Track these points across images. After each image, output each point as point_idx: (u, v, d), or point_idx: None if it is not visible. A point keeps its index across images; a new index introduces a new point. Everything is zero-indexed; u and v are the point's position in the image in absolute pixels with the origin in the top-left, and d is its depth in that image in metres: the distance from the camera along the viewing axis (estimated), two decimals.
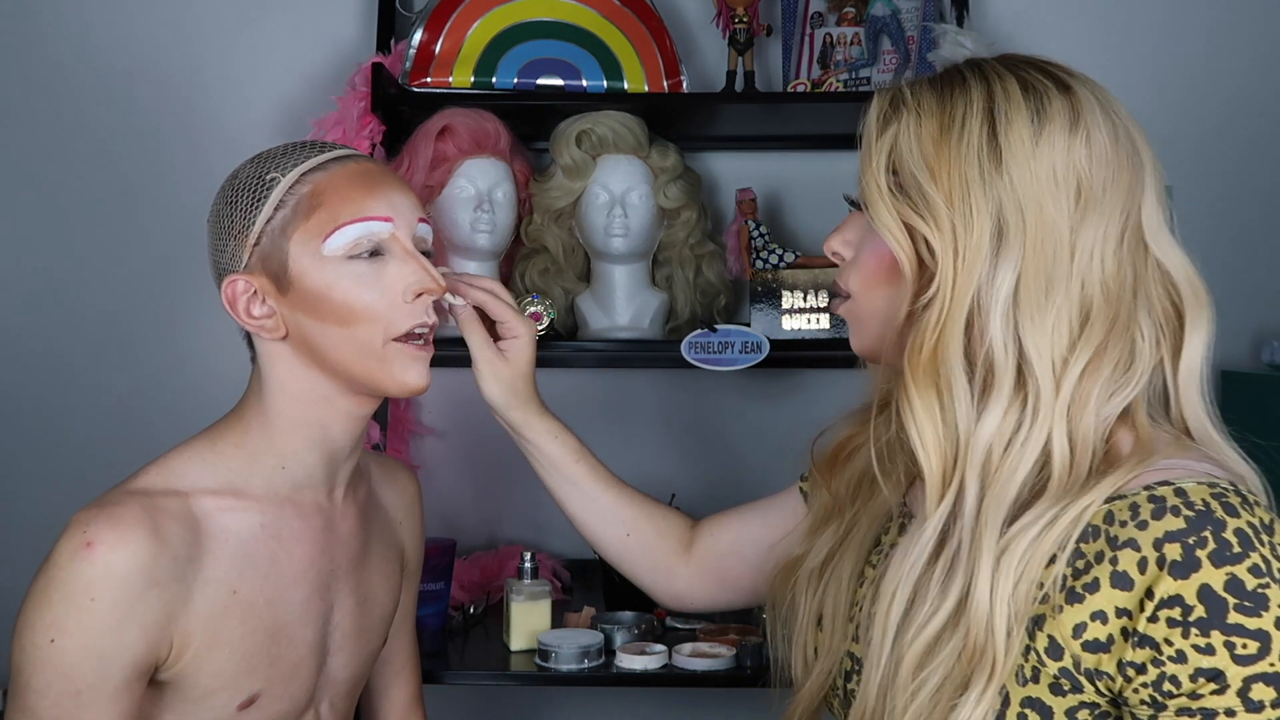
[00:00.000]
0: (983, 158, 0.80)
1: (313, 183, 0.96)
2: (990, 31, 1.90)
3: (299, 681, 1.00)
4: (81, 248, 1.95)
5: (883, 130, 0.85)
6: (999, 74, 0.83)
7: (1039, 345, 0.79)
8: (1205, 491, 0.75)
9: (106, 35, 1.96)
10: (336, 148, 1.00)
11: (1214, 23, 1.94)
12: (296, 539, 0.99)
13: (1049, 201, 0.79)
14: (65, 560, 0.86)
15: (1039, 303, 0.79)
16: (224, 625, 0.93)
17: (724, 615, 1.70)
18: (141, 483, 0.94)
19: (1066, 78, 0.85)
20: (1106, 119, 0.83)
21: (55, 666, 0.85)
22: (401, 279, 0.96)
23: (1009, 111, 0.81)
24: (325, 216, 0.94)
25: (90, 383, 1.95)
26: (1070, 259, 0.79)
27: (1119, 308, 0.80)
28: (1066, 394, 0.79)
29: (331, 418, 0.99)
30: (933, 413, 0.81)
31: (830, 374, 1.96)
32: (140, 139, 1.95)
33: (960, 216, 0.80)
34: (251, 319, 0.96)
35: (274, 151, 1.00)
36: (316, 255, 0.94)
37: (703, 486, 1.90)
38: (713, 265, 1.82)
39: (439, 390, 1.97)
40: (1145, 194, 0.83)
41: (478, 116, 1.71)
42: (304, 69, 1.94)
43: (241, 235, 0.95)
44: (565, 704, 1.95)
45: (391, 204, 0.97)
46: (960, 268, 0.80)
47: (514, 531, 1.97)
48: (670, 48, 1.80)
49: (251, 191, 0.96)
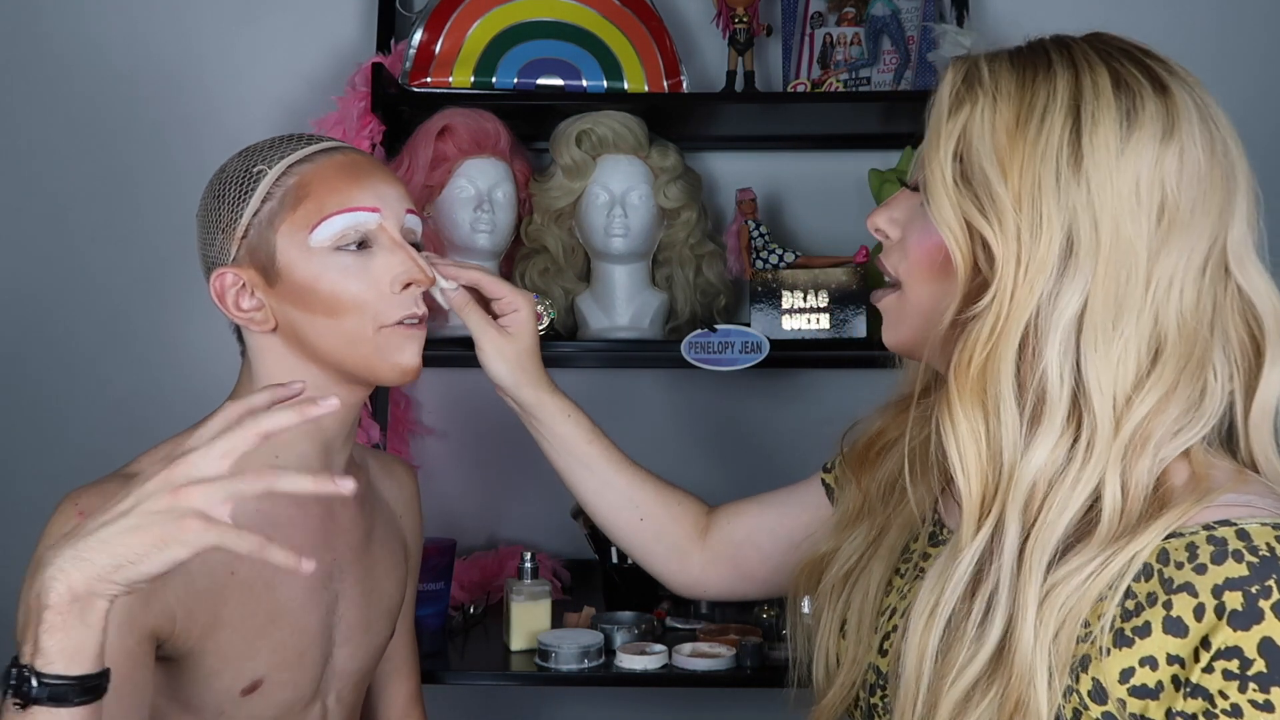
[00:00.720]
0: (1061, 160, 0.72)
1: (299, 174, 0.96)
2: (990, 31, 1.90)
3: (304, 670, 1.00)
4: (82, 246, 1.96)
5: (955, 110, 0.77)
6: (1089, 63, 0.76)
7: (1101, 379, 0.71)
8: (1270, 535, 0.69)
9: (107, 35, 1.96)
10: (324, 140, 1.00)
11: (1218, 23, 1.94)
12: (294, 526, 0.99)
13: (1128, 219, 0.72)
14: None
15: (1105, 331, 0.72)
16: (224, 605, 0.94)
17: (724, 615, 1.71)
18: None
19: (1165, 75, 0.76)
20: (1204, 129, 0.75)
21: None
22: (389, 270, 0.96)
23: (1097, 111, 0.73)
24: (312, 207, 0.94)
25: (91, 380, 1.95)
26: (1145, 287, 0.72)
27: (1194, 344, 0.73)
28: (1126, 434, 0.72)
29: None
30: (977, 434, 0.74)
31: (830, 374, 1.96)
32: (141, 138, 1.95)
33: (1029, 223, 0.72)
34: (240, 312, 0.96)
35: (260, 145, 1.00)
36: (304, 246, 0.94)
37: (702, 486, 1.88)
38: (713, 265, 1.82)
39: (439, 390, 1.98)
40: (1235, 216, 0.75)
41: (478, 116, 1.71)
42: (304, 69, 1.94)
43: (229, 228, 0.96)
44: (565, 704, 1.94)
45: (379, 195, 0.97)
46: (1022, 279, 0.72)
47: (514, 531, 1.97)
48: (670, 48, 1.80)
49: (238, 185, 0.96)
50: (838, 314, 1.68)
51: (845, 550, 0.93)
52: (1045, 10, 1.96)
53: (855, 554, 0.92)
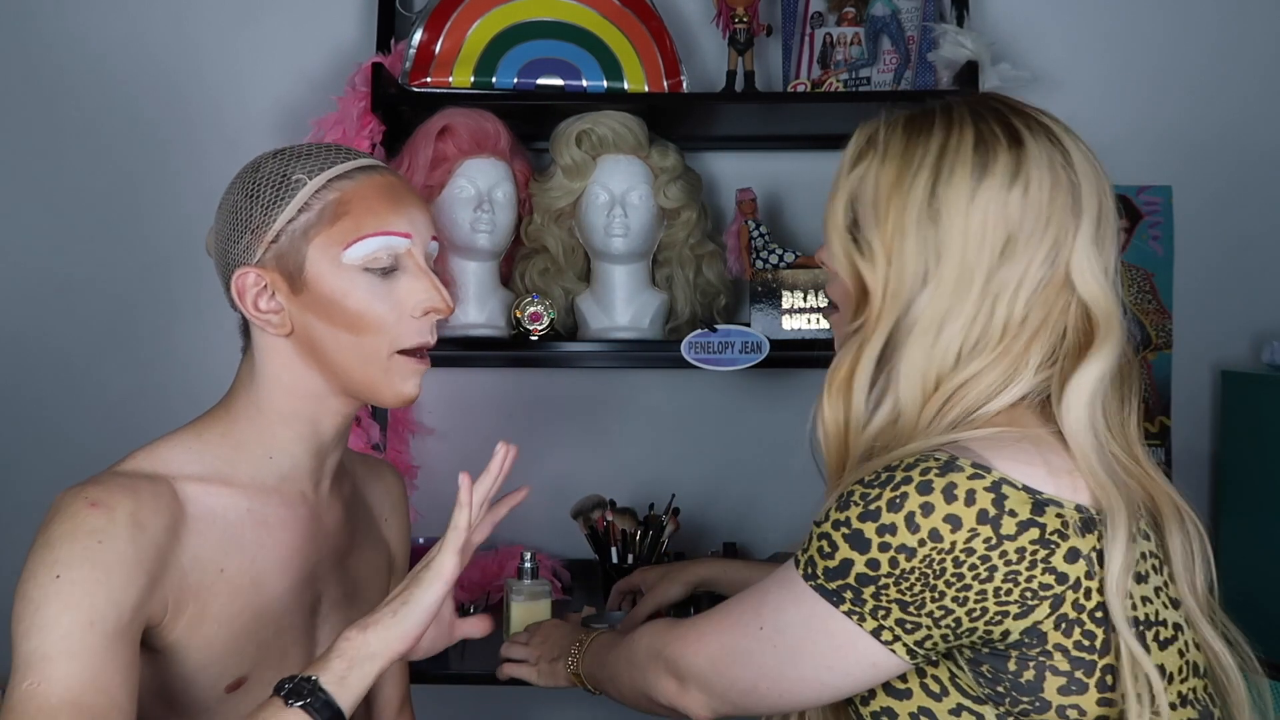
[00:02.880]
0: (921, 210, 0.89)
1: (340, 190, 0.97)
2: (990, 31, 1.90)
3: (288, 669, 1.00)
4: (83, 247, 1.96)
5: (852, 167, 0.95)
6: (961, 125, 0.91)
7: (910, 369, 0.89)
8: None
9: (107, 35, 1.96)
10: (362, 156, 1.02)
11: (1216, 23, 1.94)
12: (282, 525, 1.00)
13: (973, 249, 0.88)
14: (68, 518, 0.87)
15: (930, 336, 0.89)
16: (213, 601, 0.95)
17: None
18: (127, 466, 0.95)
19: (1024, 131, 0.90)
20: (1052, 173, 0.89)
21: (64, 598, 0.84)
22: (413, 295, 0.99)
23: (955, 166, 0.89)
24: (349, 225, 0.96)
25: (92, 381, 1.96)
26: (977, 299, 0.88)
27: (1013, 344, 0.88)
28: (939, 401, 0.89)
29: (321, 414, 1.01)
30: (838, 420, 0.93)
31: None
32: (141, 139, 1.95)
33: (895, 262, 0.90)
34: (259, 312, 0.97)
35: (299, 150, 1.00)
36: (335, 261, 0.96)
37: (703, 486, 1.90)
38: (713, 265, 1.82)
39: (439, 390, 1.98)
40: (1079, 238, 0.89)
41: (478, 116, 1.71)
42: (304, 69, 1.94)
43: (260, 230, 0.96)
44: (565, 704, 1.94)
45: (411, 220, 0.99)
46: (885, 305, 0.90)
47: (514, 531, 1.97)
48: (670, 48, 1.80)
49: (274, 188, 0.97)
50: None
51: None
52: (1045, 10, 1.97)
53: None
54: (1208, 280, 1.93)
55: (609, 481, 1.86)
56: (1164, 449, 1.93)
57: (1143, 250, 1.93)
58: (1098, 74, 1.93)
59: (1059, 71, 1.91)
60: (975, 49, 1.69)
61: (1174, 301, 1.93)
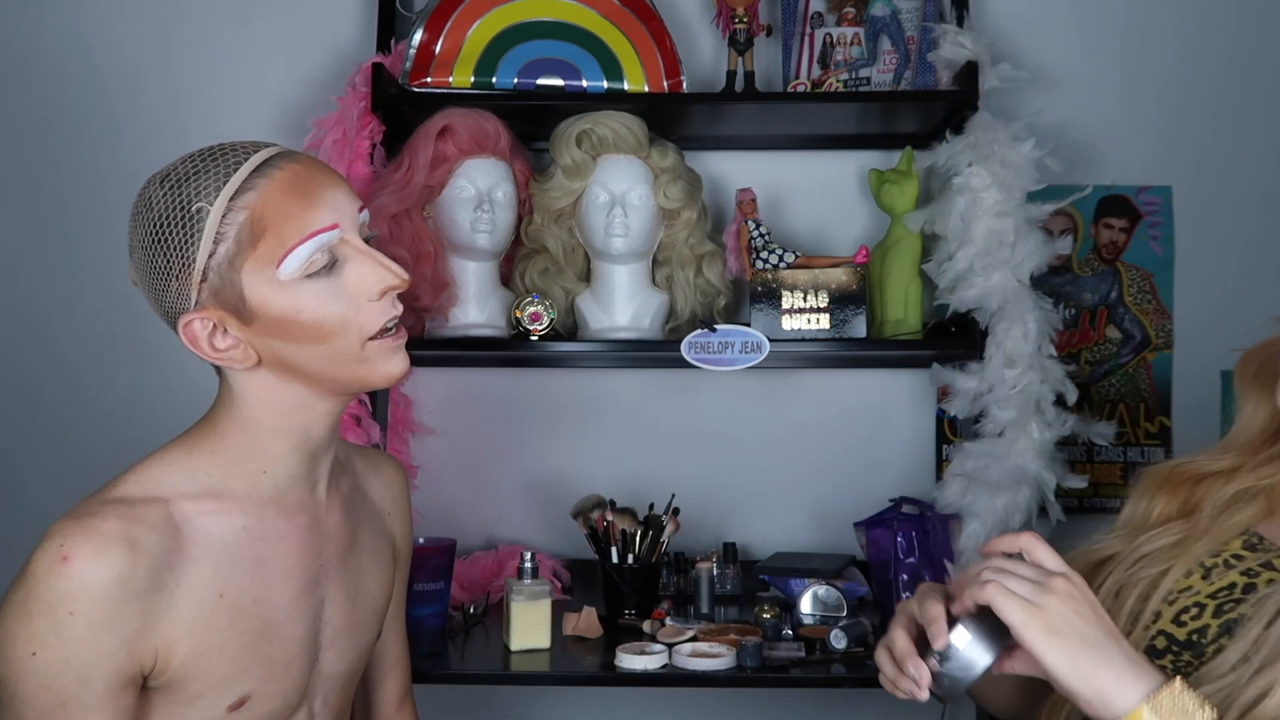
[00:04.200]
0: None
1: (247, 208, 0.90)
2: (990, 31, 1.90)
3: (291, 679, 1.00)
4: (83, 247, 1.96)
5: None
6: None
7: None
8: None
9: (107, 35, 1.96)
10: (249, 151, 0.93)
11: (1216, 23, 1.94)
12: (281, 538, 0.99)
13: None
14: (43, 574, 0.86)
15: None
16: (212, 629, 0.93)
17: (724, 615, 1.71)
18: (120, 491, 0.92)
19: None
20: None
21: (38, 678, 0.85)
22: (364, 281, 0.94)
23: None
24: (273, 241, 0.90)
25: (93, 381, 1.96)
26: None
27: None
28: None
29: (311, 420, 0.99)
30: None
31: (830, 374, 1.96)
32: (141, 139, 1.95)
33: None
34: (218, 352, 0.93)
35: (185, 172, 0.92)
36: (273, 281, 0.91)
37: (703, 486, 1.90)
38: (713, 265, 1.82)
39: (438, 390, 1.98)
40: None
41: (478, 116, 1.71)
42: (304, 69, 1.94)
43: (183, 274, 0.90)
44: (565, 704, 1.95)
45: (332, 206, 0.93)
46: None
47: (514, 531, 1.97)
48: (670, 48, 1.80)
49: (180, 227, 0.90)
50: (838, 314, 1.68)
51: (1144, 547, 1.05)
52: (1045, 9, 1.97)
53: (1153, 549, 1.04)
54: (1208, 280, 1.93)
55: (609, 481, 1.86)
56: (1164, 449, 1.93)
57: (1143, 250, 1.93)
58: (1097, 74, 1.93)
59: (1059, 71, 1.91)
60: (975, 49, 1.69)
61: (1174, 301, 1.93)
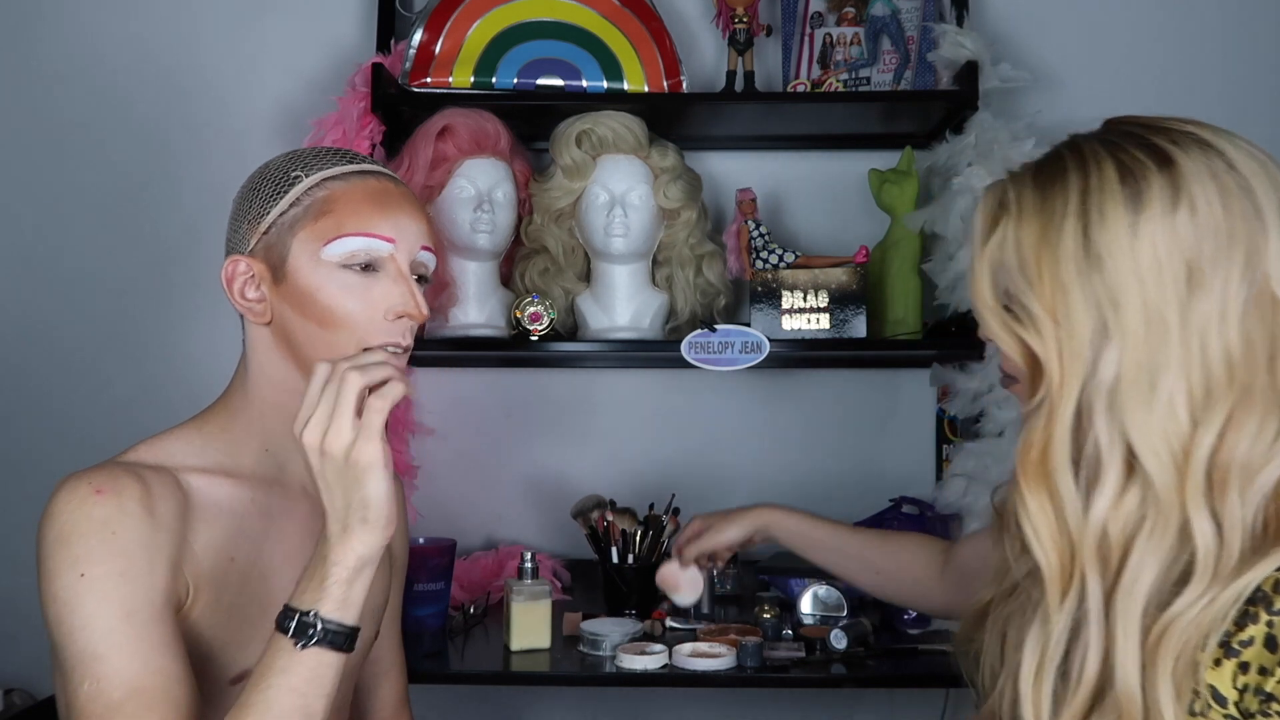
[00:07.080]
0: (1078, 259, 0.80)
1: (330, 189, 1.00)
2: (990, 31, 1.90)
3: None
4: (86, 246, 1.96)
5: (987, 236, 0.86)
6: (1098, 160, 0.82)
7: (1150, 436, 0.78)
8: None
9: (108, 36, 1.96)
10: (366, 161, 1.05)
11: (1217, 23, 1.94)
12: (287, 516, 1.03)
13: (1152, 287, 0.78)
14: (76, 506, 0.88)
15: (1143, 394, 0.78)
16: (225, 588, 0.96)
17: (724, 615, 1.71)
18: (129, 457, 0.97)
19: (1169, 148, 0.81)
20: (1215, 183, 0.79)
21: (93, 595, 0.86)
22: (386, 298, 1.00)
23: (1103, 204, 0.80)
24: (331, 223, 0.99)
25: (94, 379, 1.96)
26: (1180, 342, 0.78)
27: (1252, 376, 0.78)
28: (1197, 477, 0.77)
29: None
30: (1045, 511, 0.81)
31: (830, 374, 1.96)
32: (142, 138, 1.96)
33: (1063, 322, 0.80)
34: (243, 299, 1.01)
35: (307, 152, 1.04)
36: (314, 256, 0.99)
37: (703, 486, 1.90)
38: (713, 265, 1.82)
39: (438, 390, 1.98)
40: (1269, 249, 0.78)
41: (478, 116, 1.71)
42: (304, 69, 1.94)
43: (255, 221, 1.00)
44: (565, 704, 1.95)
45: (398, 226, 1.01)
46: (1065, 372, 0.80)
47: (514, 531, 1.97)
48: (670, 48, 1.80)
49: (274, 183, 1.01)
50: (838, 314, 1.68)
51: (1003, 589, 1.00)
52: (1045, 9, 1.97)
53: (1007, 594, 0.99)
54: None
55: (609, 481, 1.86)
56: None
57: None
58: (1098, 74, 1.93)
59: (1059, 71, 1.91)
60: (975, 49, 1.69)
61: None
